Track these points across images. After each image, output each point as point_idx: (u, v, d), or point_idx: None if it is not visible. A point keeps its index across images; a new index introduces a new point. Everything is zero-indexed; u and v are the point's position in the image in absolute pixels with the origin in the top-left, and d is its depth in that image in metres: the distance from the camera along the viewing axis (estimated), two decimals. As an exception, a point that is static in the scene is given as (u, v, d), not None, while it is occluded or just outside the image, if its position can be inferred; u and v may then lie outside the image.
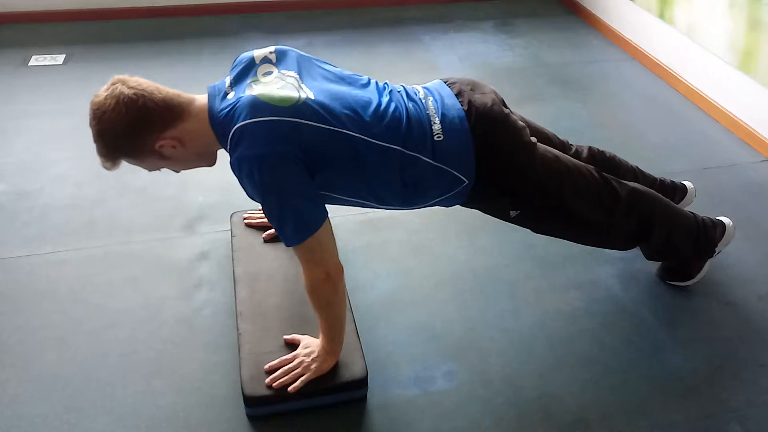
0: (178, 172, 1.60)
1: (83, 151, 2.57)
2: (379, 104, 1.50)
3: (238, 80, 1.47)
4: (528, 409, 1.63)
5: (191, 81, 3.08)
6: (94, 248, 2.10)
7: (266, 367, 1.59)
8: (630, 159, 2.05)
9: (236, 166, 1.37)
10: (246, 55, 1.55)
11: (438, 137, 1.50)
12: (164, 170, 1.58)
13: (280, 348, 1.65)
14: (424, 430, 1.58)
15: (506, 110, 1.63)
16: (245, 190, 1.43)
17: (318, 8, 3.87)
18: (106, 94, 1.38)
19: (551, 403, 1.64)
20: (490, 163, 1.55)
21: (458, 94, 1.61)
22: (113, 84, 1.39)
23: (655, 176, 2.05)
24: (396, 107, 1.51)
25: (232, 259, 1.95)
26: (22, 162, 2.50)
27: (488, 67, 3.29)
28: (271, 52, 1.53)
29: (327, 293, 1.49)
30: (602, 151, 1.97)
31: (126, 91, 1.36)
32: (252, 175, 1.35)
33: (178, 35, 3.52)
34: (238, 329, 1.71)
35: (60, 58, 3.25)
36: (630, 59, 3.40)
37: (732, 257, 2.08)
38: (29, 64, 3.18)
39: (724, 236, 1.92)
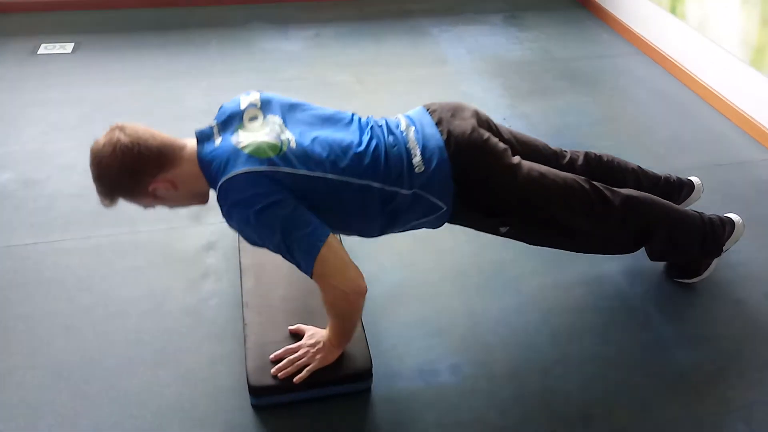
0: (172, 208, 1.66)
1: (90, 140, 2.57)
2: (360, 143, 1.54)
3: (224, 126, 1.53)
4: (532, 403, 1.63)
5: (198, 71, 3.09)
6: (100, 237, 2.10)
7: (271, 356, 1.60)
8: (639, 154, 2.04)
9: (230, 217, 1.44)
10: (233, 100, 1.60)
11: (419, 169, 1.54)
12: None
13: (286, 339, 1.66)
14: (428, 423, 1.58)
15: (486, 134, 1.64)
16: (247, 239, 1.49)
17: (325, 0, 3.86)
18: (104, 141, 1.46)
19: (555, 398, 1.64)
20: (471, 189, 1.59)
21: (438, 123, 1.64)
22: (112, 131, 1.47)
23: (660, 174, 2.03)
24: (376, 145, 1.55)
25: (239, 250, 1.96)
26: (29, 150, 2.51)
27: (497, 61, 3.27)
28: (256, 99, 1.58)
29: (344, 308, 1.50)
30: (599, 155, 1.94)
31: (123, 138, 1.43)
32: (247, 219, 1.40)
33: (185, 25, 3.52)
34: (243, 320, 1.72)
35: (69, 47, 3.25)
36: (640, 54, 3.37)
37: (740, 255, 2.07)
38: (38, 53, 3.19)
39: (734, 234, 1.91)
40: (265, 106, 1.57)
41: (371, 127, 1.61)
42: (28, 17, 3.53)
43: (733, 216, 1.93)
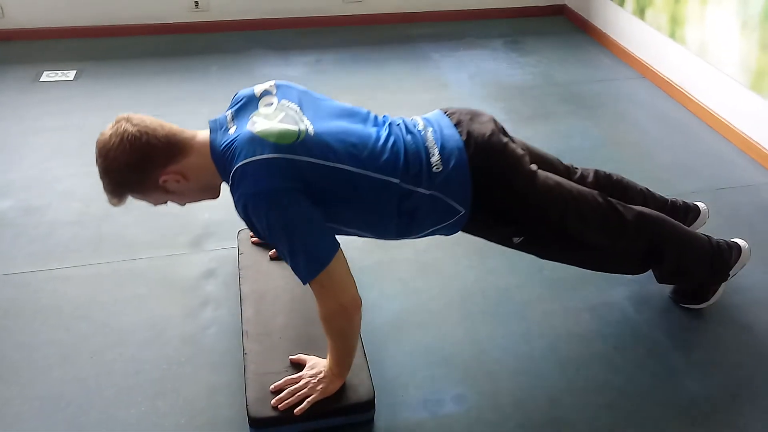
0: (183, 205, 1.61)
1: (91, 168, 2.54)
2: (378, 138, 1.51)
3: (239, 113, 1.49)
4: (539, 434, 1.60)
5: (199, 97, 3.09)
6: (100, 265, 2.08)
7: (272, 387, 1.57)
8: (642, 179, 2.02)
9: (241, 205, 1.38)
10: (246, 90, 1.57)
11: (437, 168, 1.51)
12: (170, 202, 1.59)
13: (286, 368, 1.63)
14: (432, 456, 1.54)
15: (505, 139, 1.62)
16: (253, 230, 1.45)
17: (326, 25, 3.89)
18: (110, 132, 1.41)
19: (562, 428, 1.61)
20: (490, 193, 1.56)
21: (457, 124, 1.61)
22: (118, 122, 1.42)
23: (666, 197, 2.02)
24: (395, 141, 1.51)
25: (239, 277, 1.93)
26: (30, 178, 2.50)
27: (498, 85, 3.28)
28: (271, 85, 1.56)
29: (342, 325, 1.47)
30: (609, 174, 1.93)
31: (130, 128, 1.39)
32: (258, 212, 1.36)
33: (186, 52, 3.54)
34: (243, 349, 1.69)
35: (71, 74, 3.26)
36: (641, 78, 3.38)
37: (748, 280, 2.04)
38: (41, 80, 3.20)
39: (740, 259, 1.89)
40: (281, 92, 1.53)
41: (389, 124, 1.57)
42: (30, 45, 3.55)
43: (740, 241, 1.91)
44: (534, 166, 1.64)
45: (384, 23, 3.95)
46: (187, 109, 2.99)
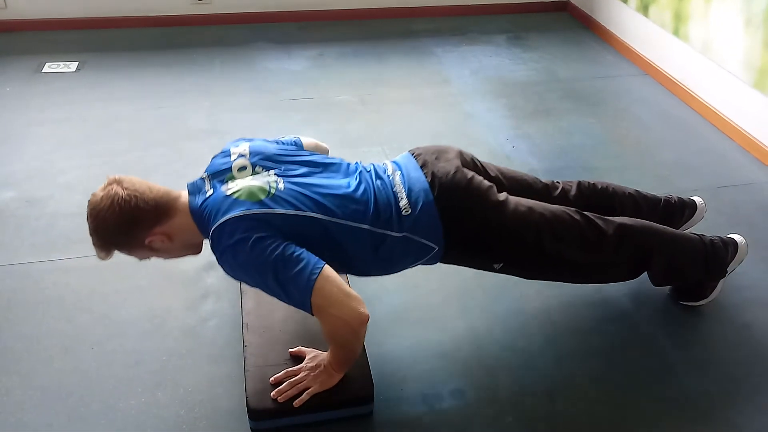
0: (166, 260, 1.66)
1: (93, 159, 2.58)
2: (348, 187, 1.57)
3: (215, 177, 1.57)
4: (537, 428, 1.60)
5: (201, 90, 3.09)
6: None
7: (271, 379, 1.58)
8: (643, 176, 2.02)
9: (223, 261, 1.45)
10: (222, 151, 1.64)
11: (406, 212, 1.57)
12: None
13: (286, 361, 1.63)
14: (430, 449, 1.55)
15: (470, 174, 1.66)
16: (244, 281, 1.54)
17: (328, 19, 3.89)
18: (102, 194, 1.47)
19: (560, 423, 1.61)
20: (460, 228, 1.61)
21: (423, 166, 1.67)
22: (110, 184, 1.48)
23: (660, 196, 2.01)
24: (364, 189, 1.58)
25: (240, 270, 1.94)
26: (32, 169, 2.50)
27: (500, 81, 3.28)
28: (245, 149, 1.62)
29: (346, 338, 1.48)
30: (593, 183, 1.93)
31: (120, 192, 1.46)
32: (237, 259, 1.41)
33: (189, 45, 3.54)
34: (243, 341, 1.70)
35: (73, 66, 3.26)
36: (644, 75, 3.38)
37: (746, 278, 2.04)
38: (43, 71, 3.20)
39: (737, 255, 1.89)
40: (254, 155, 1.60)
41: (360, 172, 1.65)
42: (33, 36, 3.55)
43: (736, 236, 1.92)
44: (503, 195, 1.67)
45: (386, 18, 3.94)
46: (189, 102, 2.99)
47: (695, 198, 2.08)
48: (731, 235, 1.92)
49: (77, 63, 3.29)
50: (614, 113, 3.04)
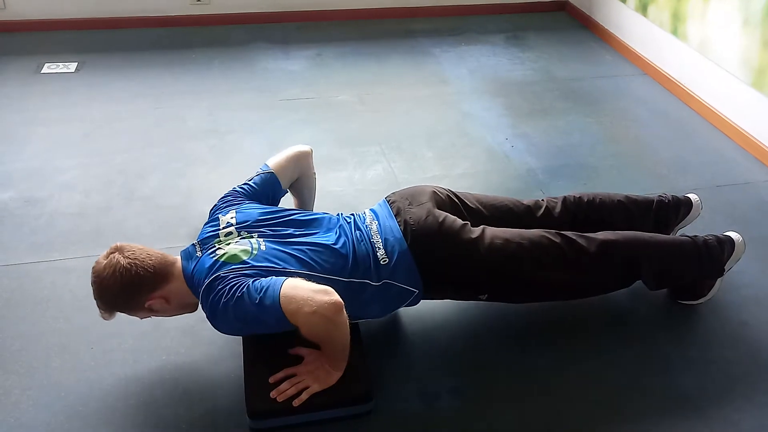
0: (164, 317, 1.73)
1: (92, 159, 2.58)
2: (326, 245, 1.65)
3: (204, 243, 1.65)
4: (534, 426, 1.60)
5: (200, 90, 3.10)
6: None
7: (271, 379, 1.58)
8: (641, 175, 2.02)
9: (213, 318, 1.53)
10: (212, 219, 1.74)
11: (384, 261, 1.64)
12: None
13: (286, 361, 1.63)
14: (428, 448, 1.55)
15: (441, 217, 1.70)
16: (239, 334, 1.65)
17: (327, 19, 3.89)
18: (105, 262, 1.57)
19: (557, 421, 1.62)
20: (438, 270, 1.68)
21: (397, 214, 1.74)
22: (112, 252, 1.58)
23: (653, 197, 2.01)
24: (344, 242, 1.66)
25: (238, 270, 1.94)
26: (31, 169, 2.51)
27: (498, 81, 3.28)
28: (232, 216, 1.71)
29: (326, 331, 1.48)
30: (579, 196, 1.94)
31: (122, 261, 1.55)
32: (225, 311, 1.48)
33: (188, 45, 3.54)
34: (242, 341, 1.70)
35: (72, 66, 3.27)
36: (642, 74, 3.38)
37: (745, 277, 2.05)
38: (42, 71, 3.20)
39: (734, 253, 1.89)
40: (240, 222, 1.69)
41: (340, 225, 1.72)
42: (32, 36, 3.55)
43: (733, 234, 1.91)
44: (478, 231, 1.70)
45: (384, 18, 3.95)
46: (188, 102, 2.99)
47: (690, 195, 2.07)
48: (728, 233, 1.92)
49: (76, 63, 3.29)
50: (612, 112, 3.04)
